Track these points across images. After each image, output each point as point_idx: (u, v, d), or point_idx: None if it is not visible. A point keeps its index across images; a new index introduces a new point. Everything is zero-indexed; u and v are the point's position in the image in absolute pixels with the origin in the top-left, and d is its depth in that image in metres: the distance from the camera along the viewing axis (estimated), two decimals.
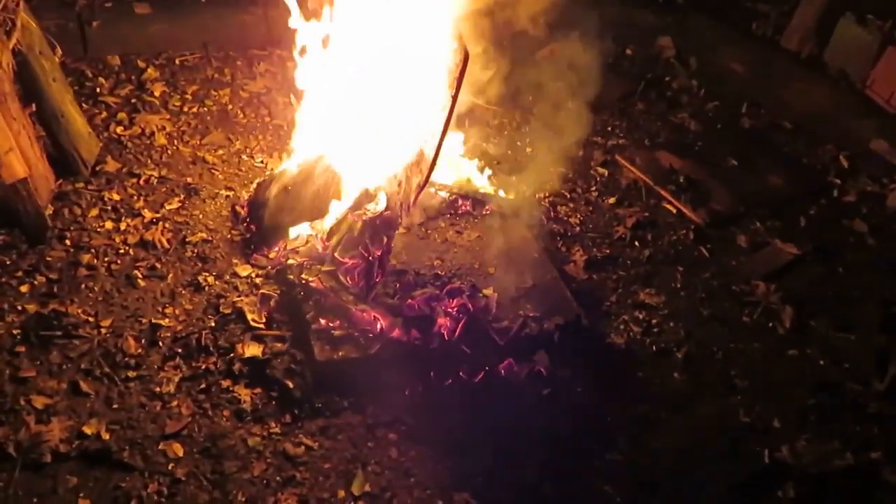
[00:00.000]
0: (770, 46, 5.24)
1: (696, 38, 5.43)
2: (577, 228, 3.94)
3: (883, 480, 2.77)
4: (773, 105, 4.94)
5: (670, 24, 5.55)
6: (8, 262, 3.16)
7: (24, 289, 3.06)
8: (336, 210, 3.33)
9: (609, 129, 4.81)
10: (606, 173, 4.38)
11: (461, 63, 2.86)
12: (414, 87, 3.08)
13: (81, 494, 2.40)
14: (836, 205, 4.27)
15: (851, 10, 4.83)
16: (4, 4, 3.21)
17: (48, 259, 3.21)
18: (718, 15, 5.51)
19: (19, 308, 2.98)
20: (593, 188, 4.26)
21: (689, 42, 5.45)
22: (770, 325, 3.47)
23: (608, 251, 3.79)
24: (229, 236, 3.50)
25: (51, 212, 3.40)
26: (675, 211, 4.11)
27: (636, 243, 3.87)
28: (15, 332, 2.88)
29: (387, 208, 3.17)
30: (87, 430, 2.57)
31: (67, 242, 3.31)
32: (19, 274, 3.12)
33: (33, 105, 3.41)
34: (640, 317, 3.43)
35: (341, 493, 2.53)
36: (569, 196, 4.17)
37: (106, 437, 2.56)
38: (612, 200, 4.16)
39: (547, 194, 4.16)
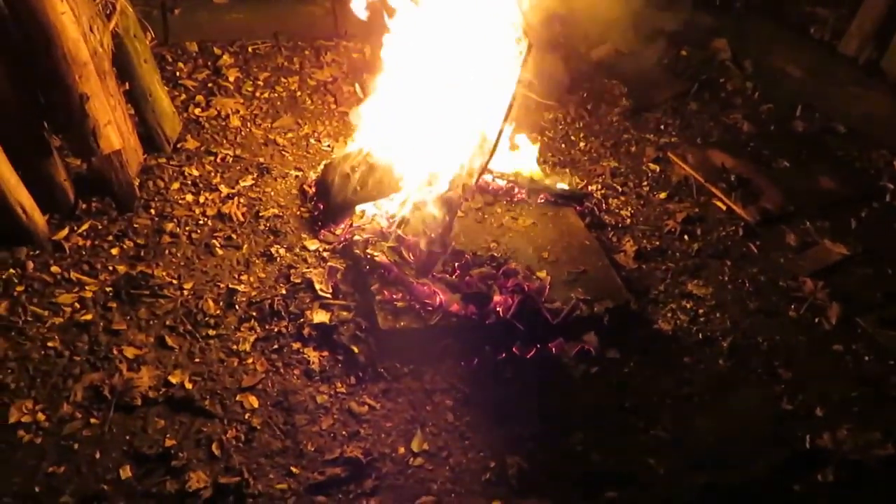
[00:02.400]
0: (827, 51, 5.26)
1: (753, 41, 5.47)
2: (628, 220, 4.06)
3: None
4: (828, 109, 4.96)
5: (727, 26, 5.60)
6: (100, 227, 3.44)
7: (114, 251, 3.33)
8: (400, 190, 3.52)
9: (662, 127, 4.91)
10: (658, 169, 4.49)
11: (526, 52, 3.04)
12: (478, 73, 3.26)
13: (168, 435, 2.64)
14: (888, 209, 4.29)
15: None
16: None
17: (135, 226, 3.48)
18: (776, 18, 5.54)
19: (111, 268, 3.25)
20: (644, 183, 4.37)
21: (745, 44, 5.49)
22: (816, 320, 3.54)
23: (658, 243, 3.91)
24: (298, 213, 3.73)
25: (137, 183, 3.68)
26: (724, 208, 4.20)
27: (685, 237, 3.98)
28: (107, 289, 3.15)
29: (449, 189, 3.35)
30: (173, 380, 2.81)
31: (152, 212, 3.58)
32: (110, 238, 3.40)
33: (126, 84, 3.70)
34: (688, 306, 3.54)
35: (401, 450, 2.72)
36: (620, 189, 4.30)
37: (189, 386, 2.81)
38: (662, 195, 4.27)
39: (600, 187, 4.29)
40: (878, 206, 4.30)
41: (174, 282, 3.23)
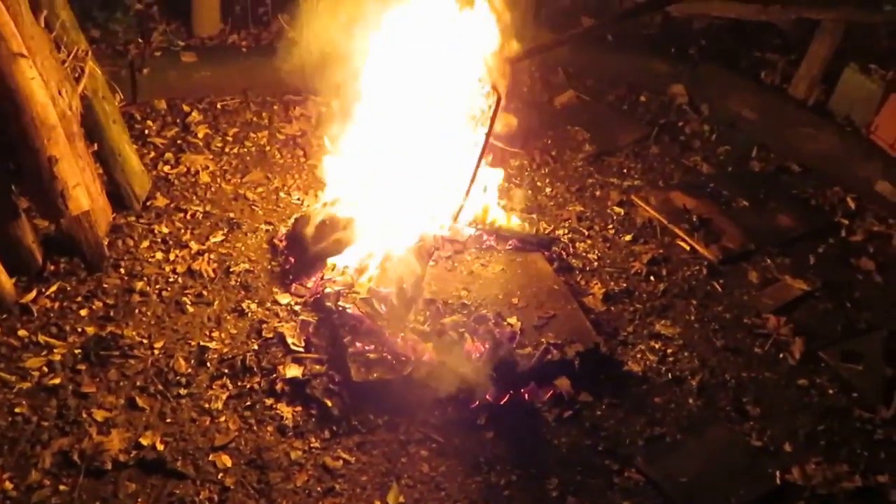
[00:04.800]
0: (778, 94, 5.49)
1: (708, 86, 5.69)
2: (596, 263, 4.15)
3: (890, 502, 2.90)
4: (782, 149, 5.16)
5: (683, 72, 5.83)
6: (69, 288, 3.43)
7: (83, 312, 3.32)
8: (370, 242, 3.57)
9: (625, 170, 5.05)
10: (623, 212, 4.61)
11: (495, 104, 3.16)
12: (449, 126, 3.37)
13: (140, 499, 2.61)
14: (844, 244, 4.45)
15: (855, 60, 5.08)
16: (75, 53, 3.56)
17: (105, 286, 3.47)
18: (728, 64, 5.78)
19: (79, 330, 3.23)
20: (610, 226, 4.48)
21: (701, 89, 5.71)
22: (780, 355, 3.63)
23: (625, 285, 3.99)
24: (269, 267, 3.75)
25: (107, 242, 3.68)
26: (688, 248, 4.32)
27: (651, 278, 4.07)
28: (76, 351, 3.12)
29: (420, 240, 3.41)
30: (144, 441, 2.78)
31: (122, 271, 3.58)
32: (79, 299, 3.38)
33: (95, 144, 3.73)
34: (656, 346, 3.61)
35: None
36: (587, 233, 4.40)
37: (161, 447, 2.78)
38: (628, 238, 4.38)
39: (567, 231, 4.39)
40: (833, 241, 4.46)
41: (144, 341, 3.22)
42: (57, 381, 2.98)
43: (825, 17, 5.09)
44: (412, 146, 3.48)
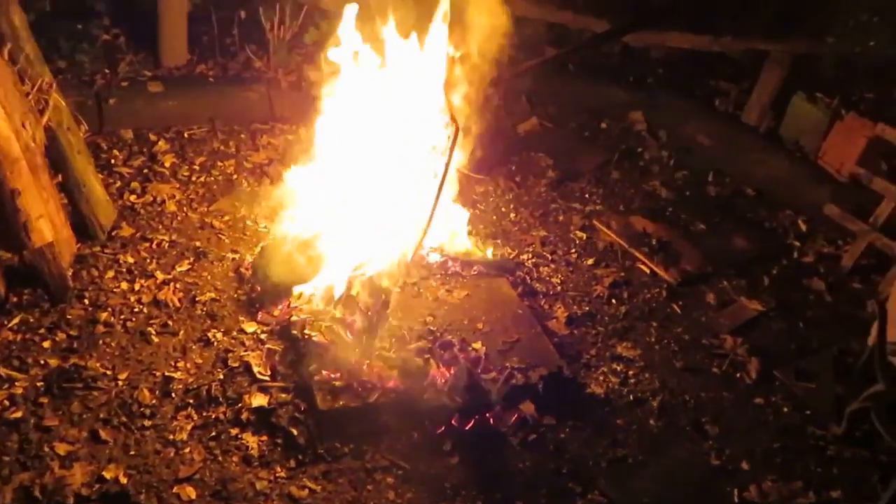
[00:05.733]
0: (732, 120, 5.72)
1: (665, 113, 5.90)
2: (559, 287, 4.24)
3: None
4: (737, 174, 5.36)
5: (641, 99, 6.03)
6: (32, 320, 3.40)
7: (46, 344, 3.29)
8: (336, 270, 3.61)
9: (587, 195, 5.18)
10: (585, 237, 4.72)
11: (453, 135, 3.24)
12: (409, 157, 3.44)
13: None
14: (797, 265, 4.62)
15: (803, 90, 5.33)
16: (39, 86, 3.57)
17: (68, 317, 3.45)
18: (684, 92, 6.01)
19: (42, 362, 3.20)
20: (573, 250, 4.59)
21: (659, 116, 5.91)
22: (738, 375, 3.75)
23: (587, 308, 4.09)
24: (236, 296, 3.76)
25: (71, 273, 3.66)
26: (648, 271, 4.44)
27: (613, 301, 4.17)
28: (39, 384, 3.09)
29: (385, 268, 3.46)
30: (107, 475, 2.76)
31: (86, 301, 3.56)
32: (42, 331, 3.36)
33: (59, 175, 3.72)
34: (618, 368, 3.70)
35: None
36: (550, 258, 4.50)
37: (124, 480, 2.76)
38: (590, 262, 4.49)
39: (531, 256, 4.48)
40: (786, 262, 4.63)
41: (108, 372, 3.20)
42: (19, 414, 2.94)
43: (773, 48, 5.33)
44: (375, 175, 3.54)
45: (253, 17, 5.61)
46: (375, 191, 3.62)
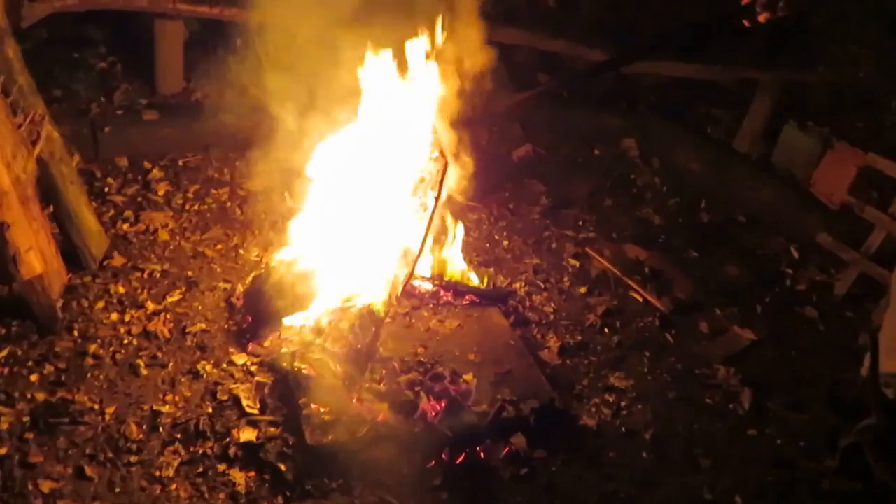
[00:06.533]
0: (724, 148, 5.75)
1: (658, 140, 5.93)
2: (552, 316, 4.23)
3: None
4: (729, 201, 5.38)
5: (633, 125, 6.07)
6: (19, 353, 3.38)
7: (33, 378, 3.27)
8: (326, 301, 3.60)
9: (580, 223, 5.19)
10: (578, 264, 4.72)
11: (442, 169, 3.26)
12: (399, 190, 3.45)
13: None
14: (789, 293, 4.62)
15: (795, 118, 5.36)
16: (31, 118, 3.58)
17: (57, 349, 3.43)
18: (676, 119, 6.04)
19: (29, 396, 3.18)
20: (566, 278, 4.59)
21: (651, 143, 5.94)
22: (731, 406, 3.73)
23: (580, 337, 4.07)
24: (226, 326, 3.75)
25: (61, 304, 3.65)
26: (641, 299, 4.43)
27: (606, 330, 4.16)
28: (24, 419, 3.07)
29: (375, 298, 3.46)
30: None
31: (75, 333, 3.54)
32: (30, 364, 3.33)
33: (51, 206, 3.73)
34: (610, 399, 3.68)
35: None
36: (543, 286, 4.49)
37: None
38: (583, 290, 4.48)
39: (524, 284, 4.47)
40: (779, 290, 4.63)
41: (96, 406, 3.17)
42: (3, 450, 2.91)
43: (763, 76, 5.37)
44: (367, 207, 3.55)
45: (248, 45, 5.64)
46: (367, 223, 3.63)
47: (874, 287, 4.46)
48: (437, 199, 3.18)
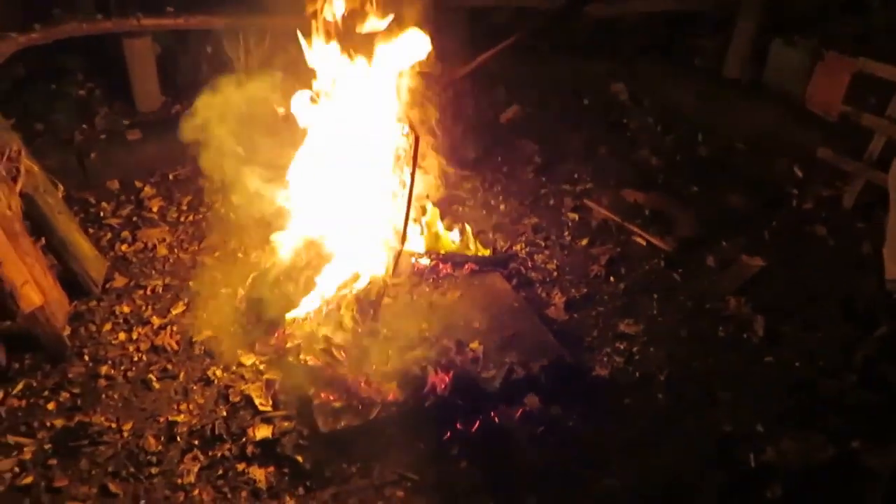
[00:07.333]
0: (714, 77, 5.60)
1: (646, 79, 5.79)
2: (555, 273, 4.19)
3: (864, 466, 2.91)
4: (725, 130, 5.25)
5: (619, 69, 5.93)
6: (34, 384, 3.45)
7: (50, 406, 3.33)
8: (324, 290, 3.60)
9: (576, 175, 5.12)
10: (577, 217, 4.66)
11: (413, 144, 3.22)
12: (377, 170, 3.42)
13: None
14: (796, 213, 4.51)
15: (780, 34, 5.19)
16: (8, 155, 3.62)
17: (70, 376, 3.49)
18: (662, 55, 5.89)
19: (48, 424, 3.24)
20: (566, 233, 4.53)
21: (640, 84, 5.81)
22: (745, 335, 3.66)
23: (585, 290, 4.03)
24: (232, 330, 3.76)
25: (68, 332, 3.71)
26: (644, 243, 4.36)
27: (611, 278, 4.11)
28: (46, 447, 3.13)
29: (370, 282, 3.45)
30: None
31: (86, 357, 3.60)
32: (45, 393, 3.40)
33: (42, 238, 3.78)
34: (622, 347, 3.64)
35: None
36: (544, 244, 4.44)
37: None
38: (584, 242, 4.43)
39: (524, 245, 4.43)
40: (786, 212, 4.52)
41: (113, 425, 3.23)
42: (29, 480, 2.98)
43: None
44: (348, 191, 3.53)
45: (220, 50, 5.63)
46: (352, 208, 3.61)
47: (883, 194, 4.32)
48: (412, 174, 3.14)
